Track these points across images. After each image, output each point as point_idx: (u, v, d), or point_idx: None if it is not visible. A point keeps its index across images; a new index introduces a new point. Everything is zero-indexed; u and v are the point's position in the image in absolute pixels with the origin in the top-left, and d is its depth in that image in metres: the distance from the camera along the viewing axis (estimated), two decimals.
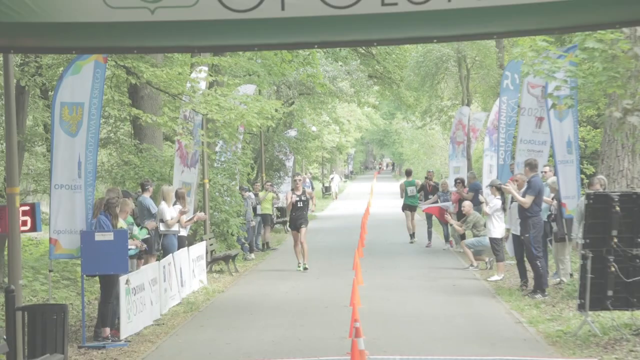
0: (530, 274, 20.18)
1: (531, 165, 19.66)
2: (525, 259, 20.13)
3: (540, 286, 19.22)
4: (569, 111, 20.65)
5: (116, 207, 16.09)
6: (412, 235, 34.15)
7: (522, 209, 19.26)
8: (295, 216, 26.22)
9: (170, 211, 20.67)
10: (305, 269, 25.62)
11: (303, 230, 25.91)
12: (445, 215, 27.47)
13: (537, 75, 18.92)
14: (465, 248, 24.79)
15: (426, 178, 34.18)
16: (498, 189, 22.72)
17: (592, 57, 17.13)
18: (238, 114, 23.29)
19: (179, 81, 22.70)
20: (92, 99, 15.88)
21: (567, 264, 20.50)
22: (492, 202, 22.98)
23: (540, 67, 18.32)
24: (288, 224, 27.84)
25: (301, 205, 26.23)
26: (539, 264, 19.18)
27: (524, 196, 19.17)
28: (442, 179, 39.56)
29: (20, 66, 20.15)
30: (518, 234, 20.03)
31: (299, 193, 26.36)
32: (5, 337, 11.89)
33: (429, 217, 32.12)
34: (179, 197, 21.58)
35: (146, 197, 20.19)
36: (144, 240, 18.38)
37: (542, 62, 18.33)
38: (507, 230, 21.71)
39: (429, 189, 32.90)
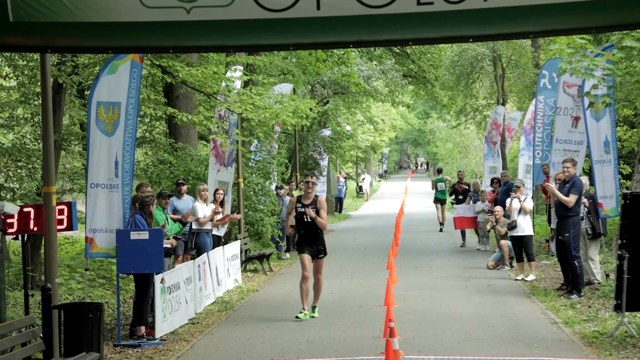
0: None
1: (574, 163, 19.53)
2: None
3: (576, 286, 19.09)
4: (606, 110, 20.55)
5: (150, 205, 16.15)
6: (442, 224, 38.74)
7: (562, 208, 18.99)
8: (305, 236, 17.92)
9: (203, 209, 20.72)
10: (312, 316, 17.85)
11: (320, 262, 18.02)
12: (488, 225, 27.23)
13: (575, 73, 18.83)
14: (505, 248, 24.66)
15: (458, 181, 34.02)
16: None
17: (630, 56, 17.05)
18: (273, 113, 23.37)
19: (214, 80, 22.79)
20: (129, 99, 15.94)
21: (597, 263, 20.38)
22: (527, 200, 22.97)
23: (578, 64, 18.23)
24: (295, 246, 20.04)
25: (309, 220, 17.75)
26: (576, 264, 19.05)
27: (567, 195, 18.95)
28: (474, 178, 39.69)
29: (57, 65, 20.30)
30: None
31: (307, 202, 17.87)
32: (41, 335, 11.97)
33: None
34: (216, 199, 21.67)
35: (176, 199, 20.32)
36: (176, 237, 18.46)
37: (580, 60, 18.23)
38: (553, 230, 21.53)
39: (460, 191, 32.89)
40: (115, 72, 15.90)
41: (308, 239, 17.77)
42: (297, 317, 17.57)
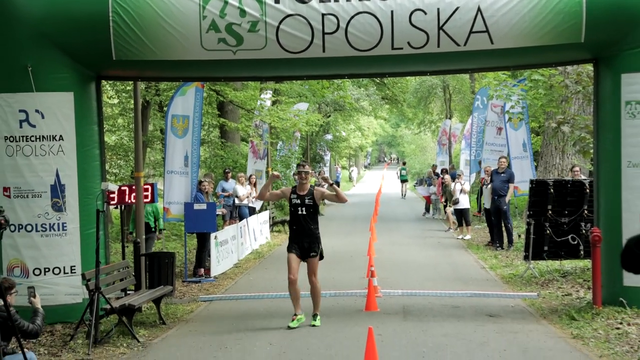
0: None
1: (507, 159, 19.80)
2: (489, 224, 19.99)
3: (510, 242, 19.13)
4: (521, 123, 20.61)
5: (200, 185, 16.24)
6: (403, 196, 43.77)
7: (500, 190, 19.04)
8: (296, 232, 10.81)
9: (242, 190, 20.72)
10: (313, 324, 10.71)
11: (313, 261, 10.88)
12: (440, 201, 27.70)
13: (499, 97, 18.88)
14: (450, 215, 24.66)
15: (434, 174, 34.45)
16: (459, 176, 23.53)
17: (537, 86, 17.05)
18: (292, 123, 23.39)
19: (251, 100, 22.79)
20: (194, 113, 15.91)
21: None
22: (466, 184, 23.03)
23: (501, 92, 18.27)
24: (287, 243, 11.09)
25: (304, 212, 10.68)
26: (510, 226, 19.15)
27: (507, 183, 19.04)
28: (428, 169, 39.97)
29: (145, 89, 20.30)
30: (489, 208, 19.72)
31: (303, 193, 10.77)
32: (133, 274, 12.03)
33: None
34: (250, 182, 21.67)
35: (224, 182, 20.42)
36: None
37: (502, 88, 18.26)
38: (483, 205, 21.43)
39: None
40: (185, 95, 15.87)
41: (299, 235, 10.76)
42: (288, 326, 10.62)
